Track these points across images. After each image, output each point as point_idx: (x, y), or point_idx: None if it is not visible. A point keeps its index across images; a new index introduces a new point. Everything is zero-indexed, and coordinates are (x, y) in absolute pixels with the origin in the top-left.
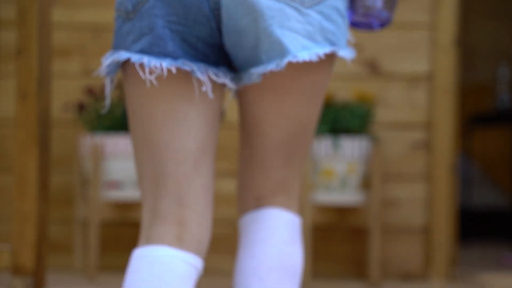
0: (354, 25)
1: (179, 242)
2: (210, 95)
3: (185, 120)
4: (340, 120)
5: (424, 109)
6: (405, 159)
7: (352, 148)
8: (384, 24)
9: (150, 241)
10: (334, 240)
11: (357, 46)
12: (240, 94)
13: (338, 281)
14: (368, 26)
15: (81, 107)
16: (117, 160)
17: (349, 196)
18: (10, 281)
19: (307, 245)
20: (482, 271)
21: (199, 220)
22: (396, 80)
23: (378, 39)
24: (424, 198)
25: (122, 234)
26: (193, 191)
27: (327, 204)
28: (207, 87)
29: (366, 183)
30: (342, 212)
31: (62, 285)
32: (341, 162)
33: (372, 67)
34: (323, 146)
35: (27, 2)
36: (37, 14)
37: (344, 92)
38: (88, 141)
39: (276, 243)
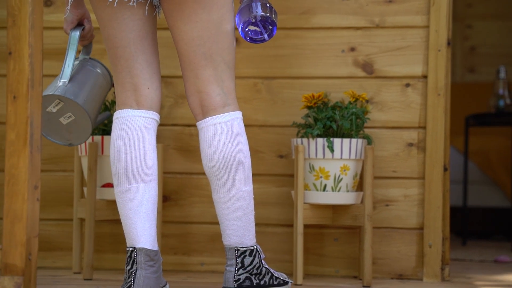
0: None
1: (137, 104)
2: (134, 3)
3: (123, 18)
4: (334, 121)
5: (418, 110)
6: (399, 159)
7: (346, 148)
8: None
9: (119, 106)
10: (327, 241)
11: (351, 48)
12: (163, 11)
13: (330, 281)
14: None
15: None
16: None
17: (342, 197)
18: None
19: (299, 245)
20: (478, 271)
21: (147, 84)
22: (390, 81)
23: (372, 40)
24: (418, 199)
25: (118, 233)
26: (139, 65)
27: (320, 204)
28: None
29: (359, 184)
30: (335, 212)
31: (54, 284)
32: (334, 163)
33: (366, 68)
34: (316, 146)
35: (17, 3)
36: (28, 15)
37: (338, 93)
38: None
39: (218, 149)
